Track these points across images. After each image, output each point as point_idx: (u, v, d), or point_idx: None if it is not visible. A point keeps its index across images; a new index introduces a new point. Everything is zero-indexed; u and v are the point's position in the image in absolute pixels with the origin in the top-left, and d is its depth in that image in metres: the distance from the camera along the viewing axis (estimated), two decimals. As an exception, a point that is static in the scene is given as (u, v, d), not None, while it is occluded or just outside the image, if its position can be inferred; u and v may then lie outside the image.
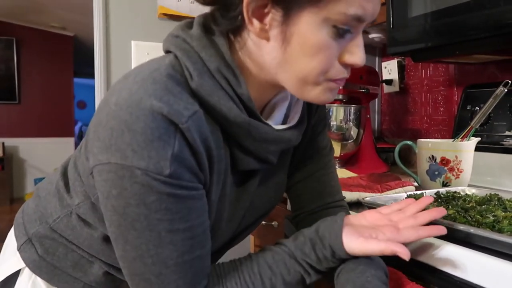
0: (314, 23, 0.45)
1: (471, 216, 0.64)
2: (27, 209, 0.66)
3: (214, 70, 0.48)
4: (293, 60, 0.48)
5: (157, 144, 0.42)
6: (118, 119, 0.43)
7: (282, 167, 0.66)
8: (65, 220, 0.59)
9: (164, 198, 0.44)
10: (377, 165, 1.29)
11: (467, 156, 0.91)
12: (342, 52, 0.48)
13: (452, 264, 0.53)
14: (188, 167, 0.45)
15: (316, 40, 0.46)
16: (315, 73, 0.48)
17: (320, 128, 0.69)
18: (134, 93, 0.44)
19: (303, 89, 0.50)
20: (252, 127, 0.51)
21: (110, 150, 0.43)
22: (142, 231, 0.45)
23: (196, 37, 0.50)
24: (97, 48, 1.24)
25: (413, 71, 1.46)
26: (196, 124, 0.45)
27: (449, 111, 1.34)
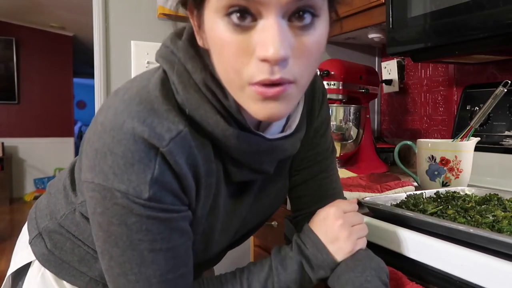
0: (211, 19, 0.42)
1: (470, 216, 0.64)
2: (39, 204, 0.68)
3: (199, 83, 0.47)
4: (215, 64, 0.45)
5: (137, 168, 0.43)
6: (102, 141, 0.44)
7: (283, 172, 0.65)
8: (70, 216, 0.61)
9: (144, 220, 0.45)
10: (376, 165, 1.29)
11: (467, 156, 0.91)
12: (255, 45, 0.40)
13: (452, 264, 0.53)
14: (169, 190, 0.45)
15: (217, 36, 0.42)
16: (229, 74, 0.43)
17: (322, 130, 0.68)
18: (119, 114, 0.45)
19: (236, 96, 0.45)
20: (241, 140, 0.49)
21: (94, 171, 0.45)
22: (124, 249, 0.46)
23: (183, 48, 0.49)
24: (97, 48, 1.24)
25: (412, 71, 1.46)
26: (179, 145, 0.45)
27: (448, 111, 1.34)
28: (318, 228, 0.56)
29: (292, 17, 0.41)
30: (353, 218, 0.56)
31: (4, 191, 4.78)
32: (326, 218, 0.56)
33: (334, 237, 0.54)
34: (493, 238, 0.52)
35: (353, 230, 0.55)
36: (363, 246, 0.56)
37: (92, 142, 0.46)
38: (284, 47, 0.39)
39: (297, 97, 0.45)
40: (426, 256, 0.56)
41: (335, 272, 0.54)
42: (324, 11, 0.43)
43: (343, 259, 0.54)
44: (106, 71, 1.25)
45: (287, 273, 0.53)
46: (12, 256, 0.72)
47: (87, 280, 0.62)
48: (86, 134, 0.49)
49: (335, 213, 0.56)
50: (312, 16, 0.41)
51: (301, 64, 0.42)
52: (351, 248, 0.54)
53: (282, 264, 0.54)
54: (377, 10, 1.12)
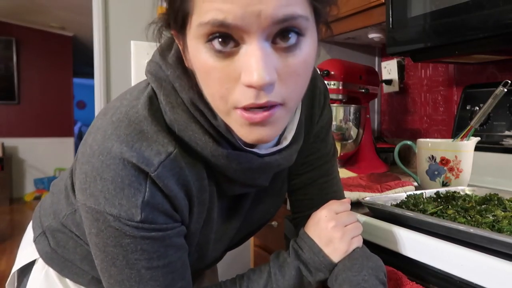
0: (193, 46, 0.41)
1: (470, 216, 0.64)
2: (44, 203, 0.69)
3: (187, 102, 0.46)
4: (201, 86, 0.45)
5: (128, 192, 0.43)
6: (91, 165, 0.45)
7: (280, 179, 0.64)
8: (71, 217, 0.61)
9: (138, 241, 0.45)
10: (376, 165, 1.29)
11: (467, 156, 0.91)
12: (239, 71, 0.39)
13: (452, 263, 0.53)
14: (161, 210, 0.46)
15: (200, 62, 0.41)
16: (215, 99, 0.43)
17: (323, 135, 0.67)
18: (107, 138, 0.45)
19: (224, 119, 0.45)
20: (231, 159, 0.48)
21: (86, 193, 0.45)
22: (122, 268, 0.46)
23: (171, 65, 0.48)
24: (97, 48, 1.23)
25: (412, 71, 1.46)
26: (168, 168, 0.45)
27: (448, 111, 1.34)
28: (313, 231, 0.56)
29: (276, 38, 0.39)
30: (346, 218, 0.57)
31: (4, 191, 4.78)
32: (319, 221, 0.57)
33: (328, 239, 0.54)
34: (493, 238, 0.52)
35: (347, 230, 0.55)
36: (359, 244, 0.56)
37: (82, 164, 0.46)
38: (268, 72, 0.38)
39: (286, 119, 0.44)
40: (426, 256, 0.56)
41: (333, 272, 0.54)
42: (310, 29, 0.42)
43: (340, 259, 0.54)
44: (106, 71, 1.25)
45: (286, 279, 0.54)
46: (17, 252, 0.73)
47: (89, 278, 0.63)
48: (78, 152, 0.49)
49: (327, 215, 0.56)
50: (297, 35, 0.40)
51: (289, 85, 0.41)
52: (346, 248, 0.54)
53: (281, 270, 0.55)
54: (377, 10, 1.12)
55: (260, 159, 0.50)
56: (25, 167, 5.17)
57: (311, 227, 0.57)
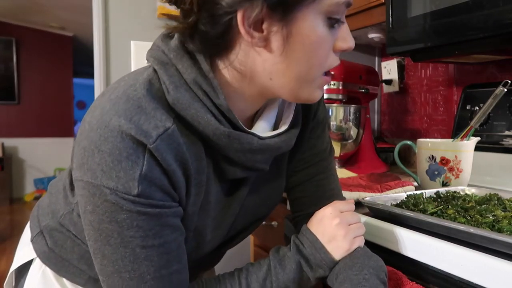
0: (313, 19, 0.46)
1: (471, 215, 0.64)
2: (42, 203, 0.69)
3: (190, 82, 0.48)
4: (294, 61, 0.48)
5: (125, 165, 0.43)
6: (89, 139, 0.45)
7: (278, 171, 0.65)
8: (68, 216, 0.62)
9: (134, 216, 0.45)
10: (376, 165, 1.29)
11: (467, 156, 0.91)
12: (335, 40, 0.49)
13: (452, 263, 0.53)
14: (158, 186, 0.45)
15: (317, 35, 0.46)
16: (315, 69, 0.49)
17: (319, 131, 0.68)
18: (106, 113, 0.45)
19: (299, 90, 0.50)
20: (232, 139, 0.49)
21: (83, 169, 0.45)
22: (116, 247, 0.46)
23: (174, 48, 0.49)
24: (97, 47, 1.23)
25: (412, 71, 1.46)
26: (166, 142, 0.45)
27: (448, 111, 1.34)
28: (316, 228, 0.57)
29: None
30: (350, 217, 0.57)
31: (4, 191, 4.78)
32: (323, 218, 0.57)
33: (332, 236, 0.55)
34: (493, 238, 0.52)
35: (350, 229, 0.56)
36: (361, 244, 0.56)
37: (80, 141, 0.46)
38: None
39: None
40: (426, 256, 0.56)
41: (334, 270, 0.55)
42: None
43: (341, 257, 0.55)
44: (106, 71, 1.25)
45: (286, 273, 0.54)
46: (15, 253, 0.73)
47: (86, 277, 0.63)
48: (77, 133, 0.50)
49: (332, 213, 0.57)
50: None
51: None
52: (348, 247, 0.55)
53: (281, 263, 0.55)
54: (377, 10, 1.12)
55: (261, 141, 0.52)
56: (25, 167, 5.17)
57: (315, 223, 0.58)
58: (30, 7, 4.22)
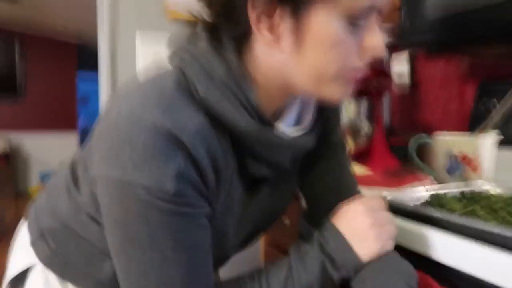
0: (326, 18, 0.43)
1: (502, 217, 0.61)
2: (40, 202, 0.66)
3: (219, 79, 0.46)
4: (308, 58, 0.46)
5: (159, 160, 0.40)
6: (119, 130, 0.42)
7: (294, 170, 0.63)
8: (75, 215, 0.58)
9: (167, 216, 0.42)
10: (389, 161, 1.26)
11: (486, 152, 0.88)
12: (359, 44, 0.46)
13: (487, 269, 0.50)
14: (192, 183, 0.43)
15: (329, 35, 0.44)
16: (332, 69, 0.46)
17: (331, 124, 0.66)
18: (137, 105, 0.42)
19: (319, 88, 0.48)
20: (262, 135, 0.49)
21: (110, 163, 0.42)
22: (145, 250, 0.43)
23: (201, 47, 0.48)
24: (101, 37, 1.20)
25: (424, 65, 1.42)
26: (200, 137, 0.44)
27: (462, 105, 1.30)
28: (344, 225, 0.52)
29: None
30: (383, 217, 0.53)
31: (10, 185, 4.79)
32: (354, 215, 0.52)
33: (362, 236, 0.51)
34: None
35: (383, 230, 0.52)
36: (391, 248, 0.53)
37: (107, 134, 0.43)
38: None
39: None
40: (457, 259, 0.53)
41: (360, 274, 0.51)
42: None
43: (369, 260, 0.51)
44: (111, 63, 1.22)
45: (308, 273, 0.50)
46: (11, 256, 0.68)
47: (93, 281, 0.59)
48: (97, 129, 0.46)
49: (364, 211, 0.52)
50: None
51: None
52: (379, 250, 0.51)
53: (303, 263, 0.51)
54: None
55: (289, 139, 0.52)
56: (30, 161, 5.17)
57: (343, 220, 0.53)
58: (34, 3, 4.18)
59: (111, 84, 1.23)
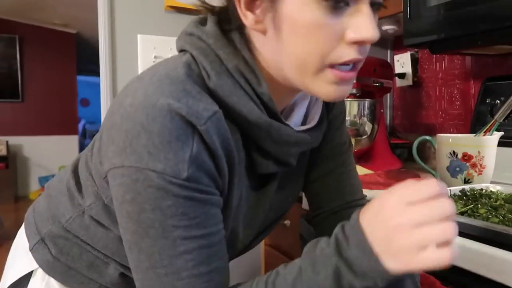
0: (298, 2, 0.41)
1: (502, 215, 0.60)
2: (38, 207, 0.64)
3: (232, 69, 0.46)
4: (288, 46, 0.44)
5: (175, 146, 0.40)
6: (134, 120, 0.41)
7: (300, 168, 0.62)
8: (78, 220, 0.57)
9: (180, 202, 0.41)
10: (391, 161, 1.25)
11: (490, 152, 0.87)
12: (346, 29, 0.42)
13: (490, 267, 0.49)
14: (206, 170, 0.42)
15: (306, 18, 0.41)
16: (313, 58, 0.43)
17: (337, 123, 0.65)
18: (151, 94, 0.42)
19: (306, 81, 0.45)
20: (273, 129, 0.47)
21: (125, 153, 0.41)
22: (156, 238, 0.42)
23: (212, 34, 0.47)
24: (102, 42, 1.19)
25: (427, 64, 1.42)
26: (215, 125, 0.43)
27: (465, 105, 1.29)
28: (370, 222, 0.39)
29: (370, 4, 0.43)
30: (425, 212, 0.36)
31: (9, 189, 4.77)
32: (381, 209, 0.38)
33: (388, 239, 0.37)
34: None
35: (421, 233, 0.35)
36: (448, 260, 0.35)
37: (121, 124, 0.42)
38: (376, 30, 0.42)
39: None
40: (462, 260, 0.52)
41: None
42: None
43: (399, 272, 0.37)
44: (111, 65, 1.21)
45: (319, 278, 0.40)
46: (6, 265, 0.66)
47: (96, 286, 0.58)
48: (107, 123, 0.45)
49: (395, 205, 0.37)
50: (378, 4, 0.44)
51: (367, 48, 0.45)
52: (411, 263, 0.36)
53: (314, 265, 0.41)
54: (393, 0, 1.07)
55: (297, 134, 0.51)
56: (30, 165, 5.16)
57: (370, 214, 0.40)
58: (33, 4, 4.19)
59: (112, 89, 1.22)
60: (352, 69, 0.45)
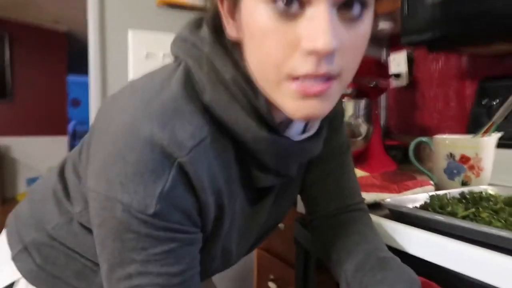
0: (250, 5, 0.38)
1: (503, 219, 0.58)
2: (20, 213, 0.60)
3: (229, 81, 0.43)
4: (249, 55, 0.41)
5: (147, 178, 0.38)
6: (114, 146, 0.40)
7: (298, 174, 0.60)
8: (66, 227, 0.54)
9: (141, 238, 0.39)
10: (386, 163, 1.23)
11: (488, 153, 0.85)
12: (301, 36, 0.36)
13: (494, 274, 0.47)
14: (179, 206, 0.40)
15: (257, 24, 0.37)
16: (268, 66, 0.38)
17: (335, 125, 0.62)
18: (138, 117, 0.40)
19: (271, 93, 0.41)
20: (272, 143, 0.45)
21: (99, 178, 0.40)
22: (114, 266, 0.41)
23: (207, 40, 0.44)
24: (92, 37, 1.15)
25: (422, 64, 1.40)
26: (201, 155, 0.40)
27: (461, 106, 1.28)
28: None
29: (341, 7, 0.37)
30: None
31: (-3, 191, 4.69)
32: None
33: None
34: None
35: None
36: None
37: (103, 145, 0.41)
38: (335, 38, 0.35)
39: (339, 94, 0.42)
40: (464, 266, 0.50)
41: (361, 283, 0.48)
42: (372, 2, 0.39)
43: None
44: (102, 63, 1.17)
45: None
46: None
47: None
48: (95, 133, 0.43)
49: None
50: (361, 7, 0.38)
51: (347, 58, 0.38)
52: None
53: None
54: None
55: (298, 144, 0.48)
56: (18, 166, 5.07)
57: None
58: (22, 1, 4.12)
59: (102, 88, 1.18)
60: (326, 81, 0.38)
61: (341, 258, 0.54)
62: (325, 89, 0.38)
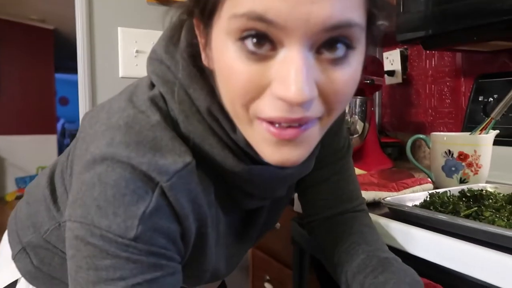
0: (221, 40, 0.35)
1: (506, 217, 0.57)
2: (19, 214, 0.60)
3: (204, 112, 0.40)
4: (220, 88, 0.38)
5: (129, 199, 0.35)
6: (92, 171, 0.36)
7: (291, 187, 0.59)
8: (55, 232, 0.53)
9: (120, 264, 0.35)
10: (382, 161, 1.22)
11: (486, 151, 0.84)
12: (272, 78, 0.33)
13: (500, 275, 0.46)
14: (163, 231, 0.37)
15: (226, 62, 0.34)
16: (235, 107, 0.36)
17: (335, 127, 0.59)
18: (115, 145, 0.37)
19: (244, 131, 0.38)
20: (253, 175, 0.43)
21: (74, 205, 0.37)
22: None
23: (183, 64, 0.41)
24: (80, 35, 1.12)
25: (416, 61, 1.40)
26: (184, 181, 0.38)
27: (455, 103, 1.27)
28: None
29: (322, 48, 0.33)
30: None
31: (-16, 191, 4.61)
32: None
33: None
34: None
35: None
36: None
37: (80, 173, 0.37)
38: (309, 87, 0.31)
39: (320, 136, 0.38)
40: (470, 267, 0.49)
41: (363, 286, 0.46)
42: (361, 41, 0.35)
43: None
44: (90, 61, 1.14)
45: None
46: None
47: None
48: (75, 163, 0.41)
49: None
50: (346, 47, 0.34)
51: (330, 103, 0.35)
52: None
53: None
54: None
55: (283, 171, 0.45)
56: (6, 165, 4.98)
57: None
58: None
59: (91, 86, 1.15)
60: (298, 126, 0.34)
61: (341, 260, 0.52)
62: (299, 133, 0.34)
